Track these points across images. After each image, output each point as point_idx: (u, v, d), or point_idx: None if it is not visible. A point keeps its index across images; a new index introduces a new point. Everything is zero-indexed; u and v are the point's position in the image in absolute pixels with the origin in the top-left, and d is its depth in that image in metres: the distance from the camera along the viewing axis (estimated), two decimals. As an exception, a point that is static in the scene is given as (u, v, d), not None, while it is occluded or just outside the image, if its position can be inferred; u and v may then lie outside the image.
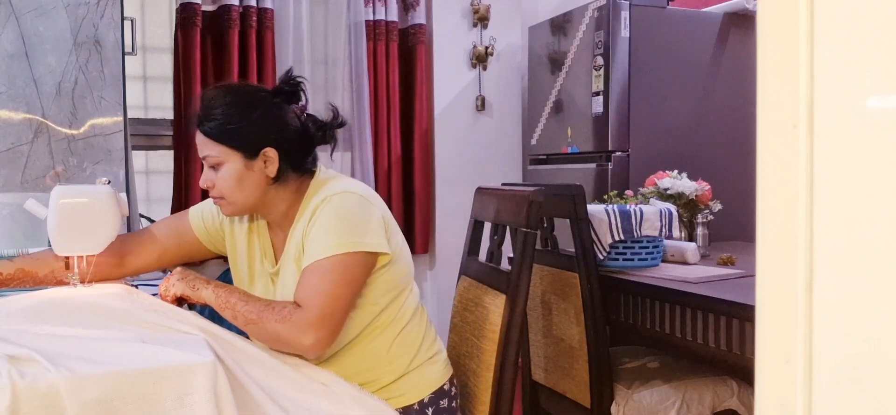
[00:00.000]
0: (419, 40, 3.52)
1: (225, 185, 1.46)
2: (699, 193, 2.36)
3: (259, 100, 1.49)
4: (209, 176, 1.48)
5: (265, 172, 1.46)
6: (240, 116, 1.45)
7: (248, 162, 1.45)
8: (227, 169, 1.45)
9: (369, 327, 1.49)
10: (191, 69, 3.07)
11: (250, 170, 1.46)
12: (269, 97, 1.50)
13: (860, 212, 0.49)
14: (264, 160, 1.46)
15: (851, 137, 0.50)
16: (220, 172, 1.46)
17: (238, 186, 1.45)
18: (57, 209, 1.49)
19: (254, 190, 1.47)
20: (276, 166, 1.47)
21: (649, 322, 1.92)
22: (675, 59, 3.00)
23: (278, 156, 1.46)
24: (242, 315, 1.38)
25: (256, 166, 1.46)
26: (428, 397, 1.53)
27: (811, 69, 0.52)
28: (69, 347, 1.22)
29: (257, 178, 1.46)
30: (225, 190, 1.46)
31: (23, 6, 2.45)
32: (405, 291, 1.54)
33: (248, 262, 1.61)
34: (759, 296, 0.57)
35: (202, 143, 1.47)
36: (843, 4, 0.50)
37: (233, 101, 1.47)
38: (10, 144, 2.45)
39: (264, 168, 1.46)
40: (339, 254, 1.37)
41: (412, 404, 1.51)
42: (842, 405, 0.51)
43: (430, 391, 1.54)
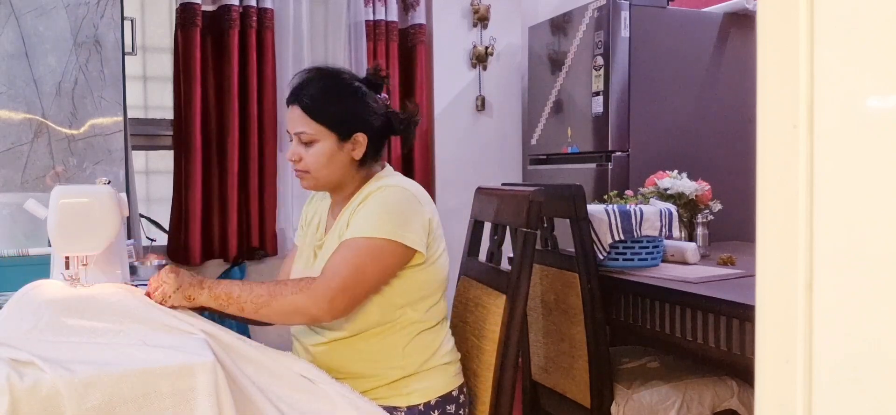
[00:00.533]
0: (419, 40, 3.52)
1: (314, 161, 1.54)
2: (699, 193, 2.36)
3: (356, 87, 1.58)
4: (298, 150, 1.55)
5: (352, 154, 1.56)
6: (340, 99, 1.55)
7: (341, 143, 1.54)
8: (320, 147, 1.53)
9: (391, 321, 1.52)
10: (191, 69, 3.06)
11: (340, 150, 1.54)
12: (363, 86, 1.60)
13: (860, 212, 0.49)
14: (354, 143, 1.55)
15: (851, 137, 0.50)
16: (311, 149, 1.54)
17: (327, 164, 1.54)
18: (57, 209, 1.49)
19: (338, 169, 1.56)
20: (363, 150, 1.56)
21: (649, 322, 1.92)
22: (675, 59, 3.00)
23: (367, 141, 1.56)
24: (251, 302, 1.42)
25: (346, 148, 1.55)
26: (435, 400, 1.54)
27: (811, 69, 0.52)
28: (70, 350, 1.22)
29: (345, 158, 1.55)
30: (313, 165, 1.55)
31: (23, 6, 2.45)
32: (434, 297, 1.58)
33: (303, 239, 1.71)
34: (759, 296, 0.57)
35: (298, 118, 1.54)
36: (843, 4, 0.50)
37: (333, 85, 1.56)
38: (10, 144, 2.45)
39: (352, 151, 1.55)
40: (377, 238, 1.44)
41: (418, 404, 1.52)
42: (842, 405, 0.51)
43: (437, 395, 1.55)
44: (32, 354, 1.17)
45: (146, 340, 1.29)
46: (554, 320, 2.12)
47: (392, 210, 1.48)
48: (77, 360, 1.17)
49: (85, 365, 1.15)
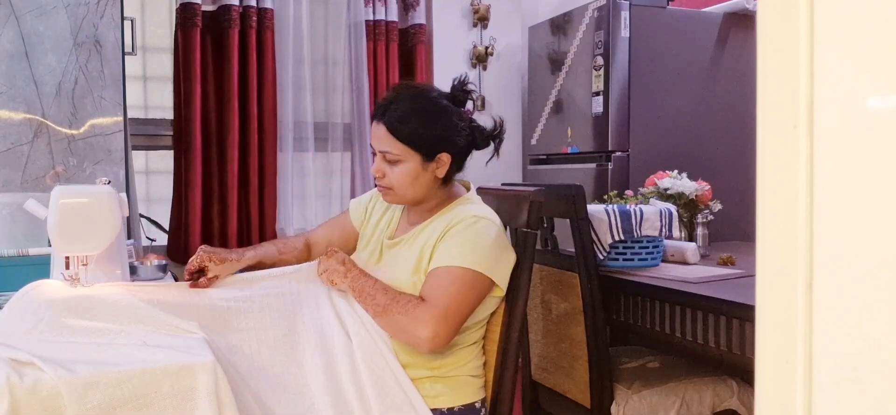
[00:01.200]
0: (419, 40, 3.52)
1: (399, 180, 1.57)
2: (699, 193, 2.35)
3: (443, 108, 1.60)
4: (382, 167, 1.58)
5: (436, 173, 1.58)
6: (427, 122, 1.56)
7: (425, 163, 1.57)
8: (405, 167, 1.56)
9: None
10: (191, 69, 3.06)
11: (425, 170, 1.57)
12: (451, 105, 1.61)
13: (860, 212, 0.49)
14: (438, 163, 1.58)
15: (851, 137, 0.50)
16: (396, 168, 1.57)
17: (412, 184, 1.57)
18: (57, 209, 1.49)
19: (422, 187, 1.59)
20: (447, 170, 1.59)
21: (649, 322, 1.92)
22: (675, 59, 3.00)
23: (450, 160, 1.59)
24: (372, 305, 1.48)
25: (430, 167, 1.58)
26: (458, 407, 1.55)
27: (811, 69, 0.52)
28: (70, 350, 1.22)
29: (429, 177, 1.58)
30: (397, 184, 1.57)
31: (23, 6, 2.45)
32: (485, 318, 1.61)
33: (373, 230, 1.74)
34: (759, 296, 0.57)
35: (384, 138, 1.56)
36: (843, 4, 0.50)
37: (422, 108, 1.57)
38: (10, 144, 2.45)
39: (436, 170, 1.58)
40: (473, 269, 1.47)
41: (442, 407, 1.53)
42: (842, 405, 0.51)
43: (461, 403, 1.56)
44: (32, 354, 1.17)
45: (147, 340, 1.29)
46: (554, 320, 2.12)
47: (488, 245, 1.52)
48: (77, 360, 1.17)
49: (85, 365, 1.15)
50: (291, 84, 3.31)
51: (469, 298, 1.48)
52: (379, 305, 1.47)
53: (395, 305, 1.46)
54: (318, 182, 3.44)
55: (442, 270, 1.49)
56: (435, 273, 1.49)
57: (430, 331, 1.42)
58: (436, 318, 1.42)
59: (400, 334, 1.47)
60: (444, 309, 1.43)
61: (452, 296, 1.45)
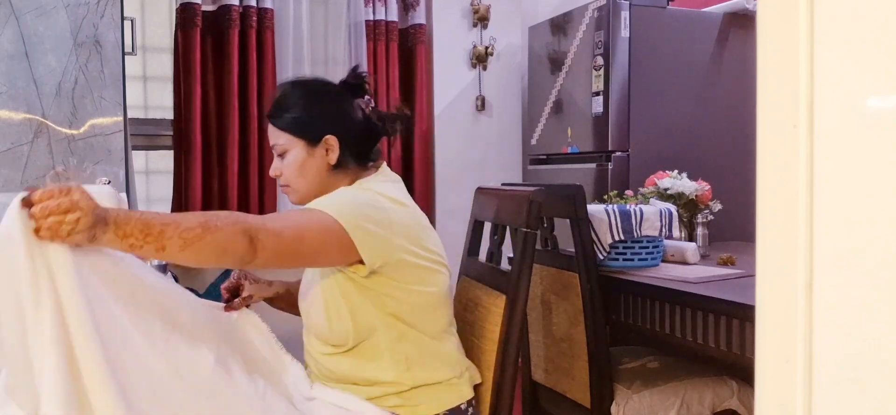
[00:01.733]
0: (419, 40, 3.52)
1: (290, 171, 1.53)
2: (699, 193, 2.35)
3: (323, 91, 1.58)
4: (277, 165, 1.55)
5: (326, 159, 1.52)
6: (305, 105, 1.53)
7: (311, 149, 1.52)
8: (292, 156, 1.52)
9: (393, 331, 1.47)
10: (191, 69, 3.07)
11: (312, 156, 1.52)
12: (335, 89, 1.58)
13: (860, 212, 0.49)
14: (326, 148, 1.52)
15: (851, 137, 0.50)
16: (285, 160, 1.53)
17: (300, 173, 1.52)
18: (57, 209, 1.49)
19: (314, 176, 1.53)
20: (337, 154, 1.52)
21: (649, 322, 1.92)
22: (675, 59, 3.00)
23: (339, 144, 1.52)
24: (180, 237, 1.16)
25: (318, 153, 1.52)
26: (443, 412, 1.52)
27: (811, 69, 0.52)
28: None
29: (318, 164, 1.52)
30: (290, 177, 1.53)
31: (23, 6, 2.45)
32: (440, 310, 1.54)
33: None
34: (759, 296, 0.57)
35: (271, 132, 1.55)
36: (843, 4, 0.50)
37: (299, 92, 1.56)
38: (10, 144, 2.45)
39: (325, 156, 1.52)
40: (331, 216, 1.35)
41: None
42: (842, 405, 0.51)
43: (445, 408, 1.52)
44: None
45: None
46: (554, 320, 2.12)
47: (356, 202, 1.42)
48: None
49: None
50: (291, 84, 3.30)
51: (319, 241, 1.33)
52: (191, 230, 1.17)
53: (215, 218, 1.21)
54: (318, 182, 3.44)
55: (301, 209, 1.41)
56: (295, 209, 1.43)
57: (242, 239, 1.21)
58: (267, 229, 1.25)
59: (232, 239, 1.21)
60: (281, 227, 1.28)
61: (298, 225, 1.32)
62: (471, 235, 1.89)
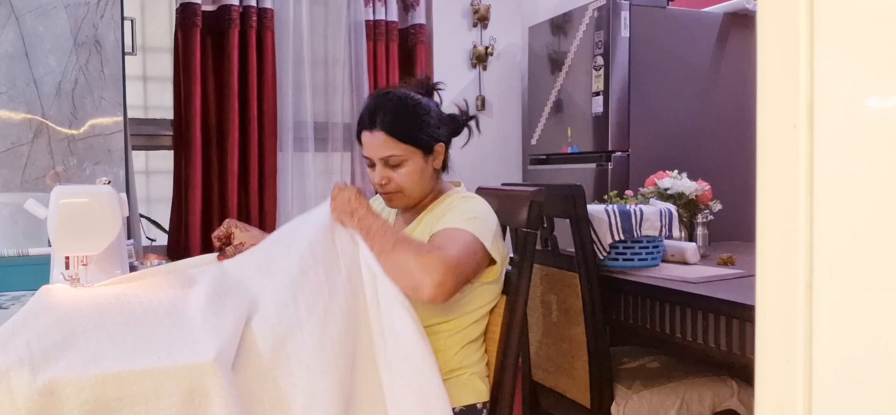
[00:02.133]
0: (419, 40, 3.52)
1: (407, 180, 1.61)
2: (699, 193, 2.35)
3: (425, 103, 1.67)
4: (386, 173, 1.62)
5: (434, 165, 1.65)
6: (417, 117, 1.62)
7: (426, 158, 1.63)
8: (411, 166, 1.61)
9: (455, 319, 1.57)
10: (191, 69, 3.06)
11: (427, 164, 1.63)
12: (432, 99, 1.70)
13: (860, 212, 0.49)
14: (436, 155, 1.65)
15: (851, 137, 0.50)
16: (401, 170, 1.61)
17: (419, 180, 1.62)
18: (57, 209, 1.49)
19: (428, 182, 1.65)
20: (443, 158, 1.67)
21: (649, 322, 1.92)
22: (675, 59, 3.00)
23: (445, 149, 1.67)
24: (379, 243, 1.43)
25: (430, 161, 1.64)
26: (459, 407, 1.55)
27: (811, 69, 0.52)
28: (72, 349, 1.21)
29: (430, 171, 1.65)
30: (407, 184, 1.62)
31: (23, 6, 2.45)
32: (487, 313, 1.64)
33: None
34: (759, 296, 0.57)
35: (383, 144, 1.59)
36: (843, 4, 0.50)
37: (411, 107, 1.63)
38: (10, 144, 2.45)
39: (434, 162, 1.65)
40: (473, 234, 1.49)
41: None
42: (842, 405, 0.51)
43: (462, 403, 1.56)
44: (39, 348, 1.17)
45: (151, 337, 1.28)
46: (554, 320, 2.12)
47: (484, 217, 1.55)
48: (79, 359, 1.17)
49: (87, 363, 1.15)
50: (291, 84, 3.31)
51: (471, 259, 1.47)
52: (387, 243, 1.43)
53: (404, 245, 1.43)
54: (318, 182, 3.44)
55: (449, 230, 1.50)
56: (442, 232, 1.50)
57: (438, 277, 1.37)
58: (446, 265, 1.39)
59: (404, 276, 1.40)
60: (456, 260, 1.41)
61: (460, 250, 1.44)
62: (471, 235, 1.89)
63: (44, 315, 1.34)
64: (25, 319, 1.32)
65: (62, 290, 1.50)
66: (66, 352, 1.19)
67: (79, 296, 1.47)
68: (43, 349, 1.18)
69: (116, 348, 1.23)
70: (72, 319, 1.32)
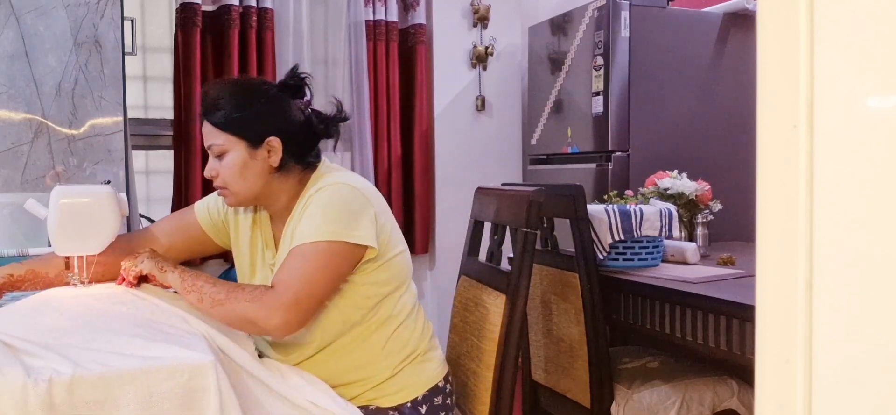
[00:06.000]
0: (419, 40, 3.52)
1: (229, 173, 1.48)
2: (699, 193, 2.36)
3: (264, 91, 1.52)
4: (213, 166, 1.50)
5: (268, 161, 1.49)
6: (245, 105, 1.48)
7: (252, 151, 1.48)
8: (232, 157, 1.48)
9: (364, 324, 1.49)
10: (191, 69, 3.07)
11: (254, 159, 1.48)
12: (274, 90, 1.53)
13: (860, 212, 0.49)
14: (268, 150, 1.49)
15: (851, 137, 0.50)
16: (224, 161, 1.48)
17: (241, 175, 1.48)
18: (57, 209, 1.49)
19: (256, 179, 1.49)
20: (279, 156, 1.49)
21: (649, 322, 1.92)
22: (675, 59, 3.00)
23: (282, 146, 1.49)
24: (209, 296, 1.36)
25: (260, 155, 1.48)
26: (422, 394, 1.53)
27: (811, 69, 0.52)
28: (70, 349, 1.21)
29: (260, 167, 1.49)
30: (229, 179, 1.48)
31: (23, 6, 2.45)
32: (401, 289, 1.54)
33: (249, 252, 1.62)
34: (759, 296, 0.57)
35: (208, 132, 1.50)
36: (843, 4, 0.50)
37: (238, 91, 1.51)
38: (10, 144, 2.45)
39: (267, 158, 1.49)
40: (324, 241, 1.38)
41: (405, 402, 1.51)
42: (842, 405, 0.51)
43: (424, 390, 1.53)
44: (35, 344, 1.17)
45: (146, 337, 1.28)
46: (554, 320, 2.12)
47: (335, 209, 1.41)
48: (77, 359, 1.17)
49: (86, 363, 1.15)
50: (291, 84, 3.30)
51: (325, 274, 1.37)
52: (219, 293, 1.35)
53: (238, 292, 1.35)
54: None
55: (293, 252, 1.39)
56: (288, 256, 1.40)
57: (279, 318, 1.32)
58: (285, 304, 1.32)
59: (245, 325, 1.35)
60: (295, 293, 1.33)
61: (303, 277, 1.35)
62: (471, 234, 1.89)
63: (40, 313, 1.34)
64: (22, 315, 1.32)
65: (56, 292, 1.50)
66: (66, 350, 1.19)
67: (77, 295, 1.46)
68: (40, 347, 1.18)
69: (115, 347, 1.23)
70: (72, 317, 1.32)
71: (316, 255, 1.37)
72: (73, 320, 1.31)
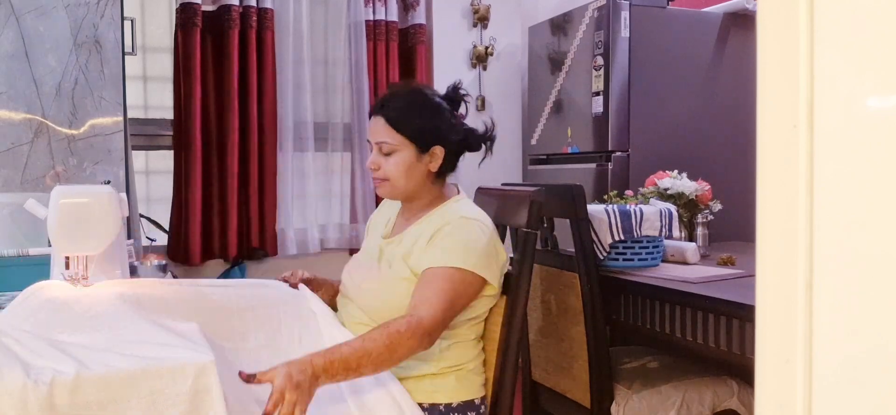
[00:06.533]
0: (419, 40, 3.52)
1: (394, 170, 1.61)
2: (699, 193, 2.35)
3: (438, 105, 1.65)
4: (378, 159, 1.62)
5: (429, 166, 1.62)
6: (422, 113, 1.62)
7: (419, 155, 1.61)
8: (400, 157, 1.60)
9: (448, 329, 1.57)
10: (191, 69, 3.06)
11: (419, 162, 1.61)
12: (445, 103, 1.67)
13: (860, 212, 0.49)
14: (431, 156, 1.62)
15: (851, 137, 0.50)
16: (391, 158, 1.61)
17: (405, 174, 1.61)
18: (57, 209, 1.49)
19: (416, 179, 1.62)
20: (439, 164, 1.63)
21: (649, 322, 1.92)
22: (675, 59, 3.00)
23: (444, 155, 1.62)
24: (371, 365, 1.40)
25: (424, 160, 1.62)
26: (457, 403, 1.56)
27: (811, 69, 0.52)
28: (74, 348, 1.21)
29: (422, 170, 1.62)
30: (392, 174, 1.61)
31: (23, 6, 2.45)
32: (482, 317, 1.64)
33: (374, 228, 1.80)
34: (759, 296, 0.57)
35: (382, 129, 1.61)
36: (843, 4, 0.50)
37: (418, 100, 1.64)
38: (10, 144, 2.45)
39: (429, 163, 1.62)
40: (464, 268, 1.51)
41: (440, 403, 1.55)
42: (842, 405, 0.51)
43: (461, 399, 1.57)
44: (36, 350, 1.17)
45: (145, 339, 1.28)
46: (554, 320, 2.12)
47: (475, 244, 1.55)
48: (81, 359, 1.17)
49: (88, 363, 1.15)
50: (291, 84, 3.31)
51: (461, 298, 1.51)
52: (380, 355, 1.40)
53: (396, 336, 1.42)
54: (318, 182, 3.44)
55: (432, 271, 1.52)
56: (425, 276, 1.52)
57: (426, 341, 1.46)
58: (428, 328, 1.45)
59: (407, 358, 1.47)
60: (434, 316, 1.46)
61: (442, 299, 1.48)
62: (471, 235, 1.89)
63: (45, 311, 1.34)
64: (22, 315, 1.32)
65: (59, 287, 1.50)
66: (68, 351, 1.19)
67: (79, 294, 1.46)
68: (45, 345, 1.18)
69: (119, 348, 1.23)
70: (72, 317, 1.32)
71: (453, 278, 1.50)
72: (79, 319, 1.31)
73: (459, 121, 1.68)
